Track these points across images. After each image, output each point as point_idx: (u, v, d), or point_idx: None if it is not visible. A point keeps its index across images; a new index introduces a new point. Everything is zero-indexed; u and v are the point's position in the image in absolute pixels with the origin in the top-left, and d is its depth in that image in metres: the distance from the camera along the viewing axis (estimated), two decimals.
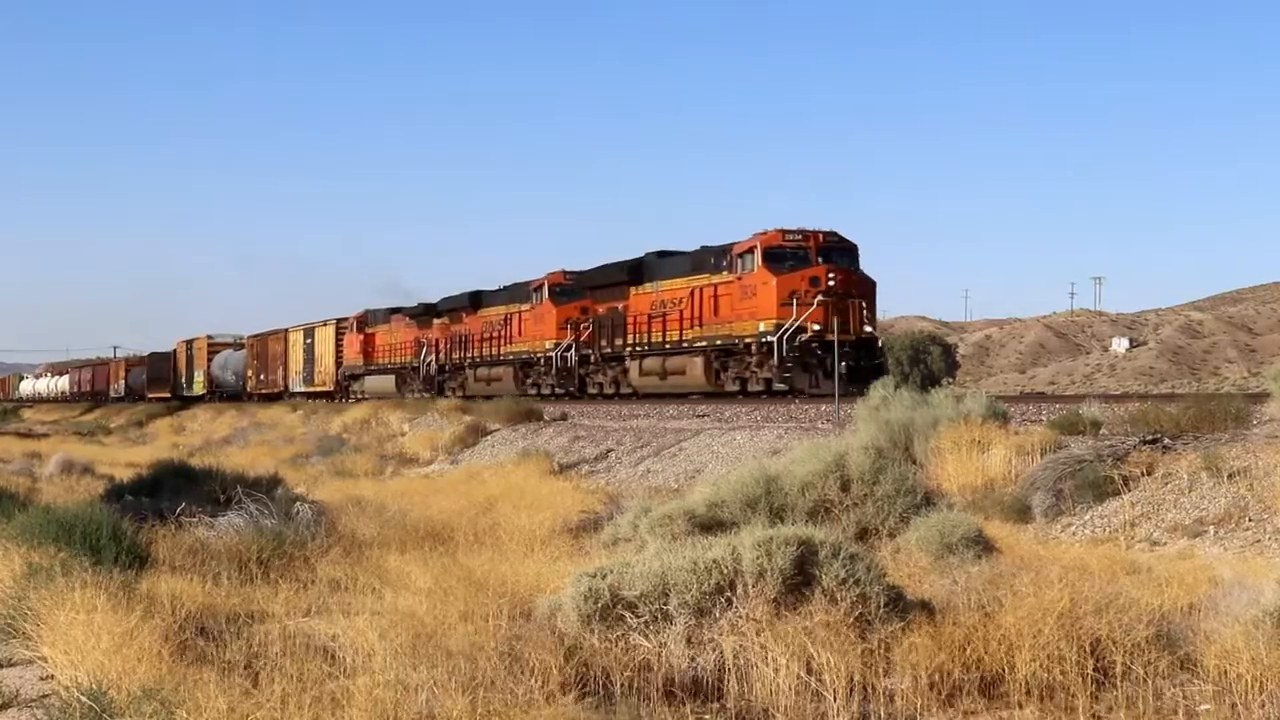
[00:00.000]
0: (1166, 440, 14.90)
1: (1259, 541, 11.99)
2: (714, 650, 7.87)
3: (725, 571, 8.21)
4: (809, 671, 7.41)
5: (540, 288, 44.33)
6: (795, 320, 30.75)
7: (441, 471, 28.60)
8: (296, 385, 68.93)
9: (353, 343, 61.86)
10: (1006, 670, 7.67)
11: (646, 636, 8.02)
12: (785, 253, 31.91)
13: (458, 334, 50.72)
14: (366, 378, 59.31)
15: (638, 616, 8.14)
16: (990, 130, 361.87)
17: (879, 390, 18.54)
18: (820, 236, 32.30)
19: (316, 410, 50.55)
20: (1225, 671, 7.41)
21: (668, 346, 36.28)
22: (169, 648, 7.85)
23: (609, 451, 25.40)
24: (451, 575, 10.77)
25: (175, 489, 17.33)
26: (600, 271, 41.67)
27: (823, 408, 25.49)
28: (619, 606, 8.19)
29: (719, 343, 33.52)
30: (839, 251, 32.38)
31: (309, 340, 68.00)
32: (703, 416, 28.12)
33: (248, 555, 11.99)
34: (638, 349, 37.84)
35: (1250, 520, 12.41)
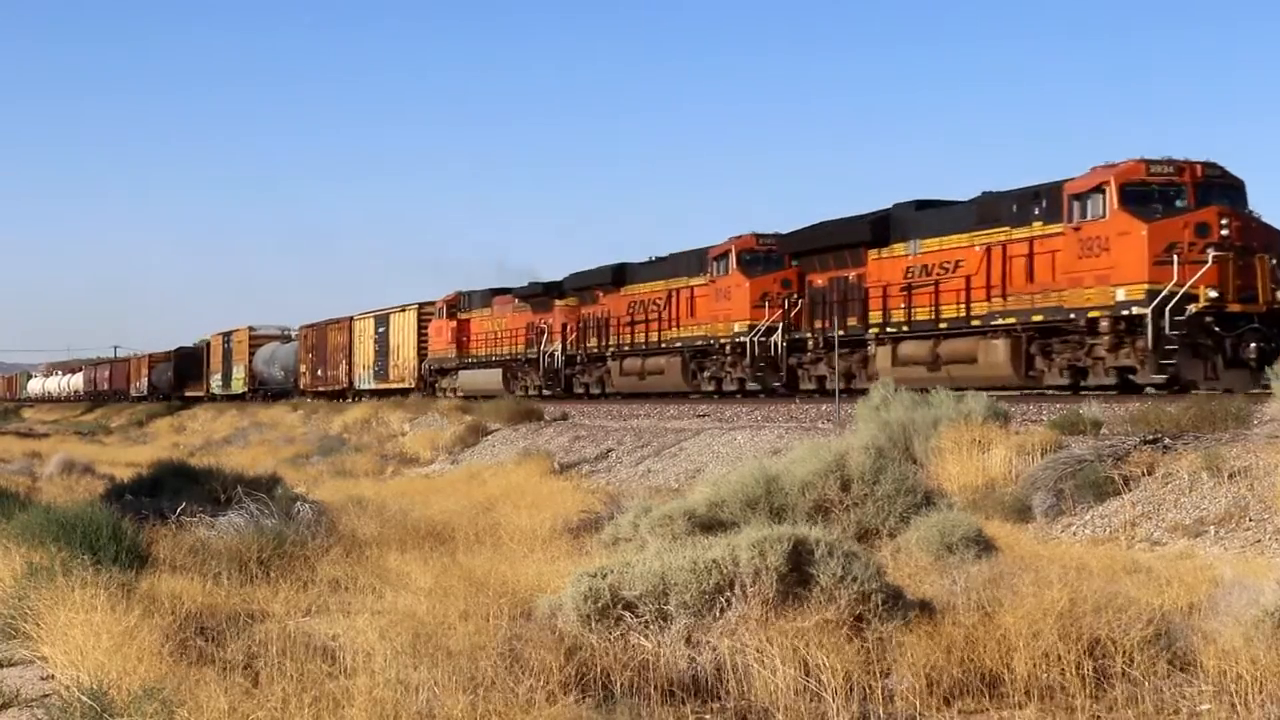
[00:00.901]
0: (1167, 440, 14.90)
1: (1259, 541, 11.99)
2: (713, 650, 7.87)
3: (724, 571, 8.21)
4: (807, 672, 7.41)
5: (725, 255, 34.82)
6: (1184, 284, 22.25)
7: (442, 471, 28.61)
8: (365, 381, 60.32)
9: (441, 331, 52.12)
10: (1006, 670, 7.67)
11: (646, 636, 8.02)
12: (1152, 191, 23.70)
13: (593, 317, 41.13)
14: (461, 372, 50.12)
15: (638, 616, 8.15)
16: None
17: (879, 390, 18.54)
18: (1198, 169, 23.85)
19: (317, 410, 50.56)
20: (1225, 672, 7.41)
21: (943, 326, 27.33)
22: (169, 647, 7.86)
23: (609, 451, 25.40)
24: (452, 575, 10.78)
25: (176, 489, 17.31)
26: (821, 230, 32.55)
27: (823, 407, 25.48)
28: (619, 606, 8.20)
29: (1037, 319, 25.04)
30: (1223, 189, 23.88)
31: (382, 329, 58.95)
32: (703, 416, 28.12)
33: (248, 555, 11.99)
34: (893, 330, 28.82)
35: (1251, 520, 12.41)
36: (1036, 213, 25.26)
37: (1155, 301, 22.40)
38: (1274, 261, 22.99)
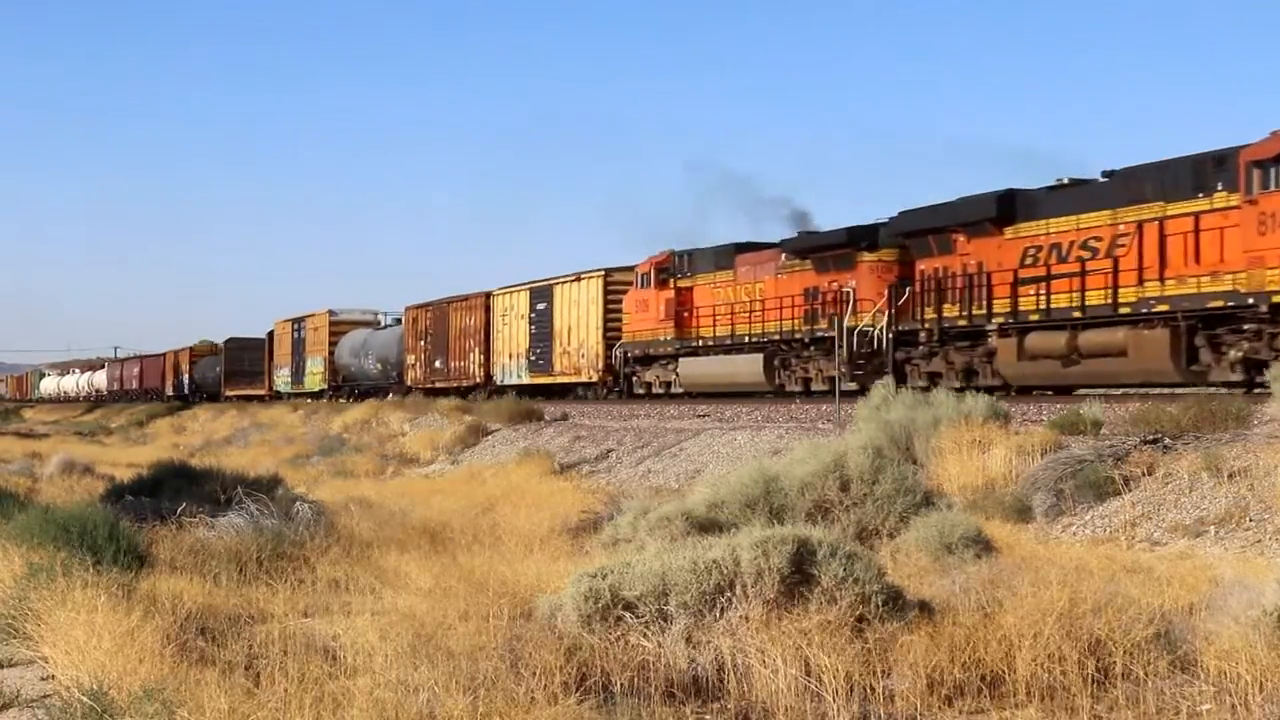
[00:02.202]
0: (1167, 440, 14.90)
1: (1259, 541, 11.99)
2: (713, 650, 7.87)
3: (724, 572, 8.22)
4: (808, 672, 7.41)
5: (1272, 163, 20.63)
6: None
7: (442, 471, 28.61)
8: (514, 373, 46.72)
9: (642, 304, 38.47)
10: (1007, 670, 7.67)
11: (646, 637, 8.02)
12: None
13: (947, 274, 27.92)
14: (684, 360, 36.51)
15: (638, 617, 8.15)
16: None
17: (879, 390, 18.55)
18: None
19: (317, 410, 50.51)
20: (1225, 672, 7.42)
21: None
22: (170, 648, 7.85)
23: (609, 451, 25.41)
24: (452, 575, 10.79)
25: (176, 489, 17.30)
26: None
27: (823, 407, 25.48)
28: (619, 607, 8.20)
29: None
30: None
31: (542, 305, 44.96)
32: (703, 416, 28.12)
33: (248, 555, 12.00)
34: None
35: (1251, 520, 12.41)
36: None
37: None
38: None
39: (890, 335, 28.99)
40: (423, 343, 54.75)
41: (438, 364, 53.16)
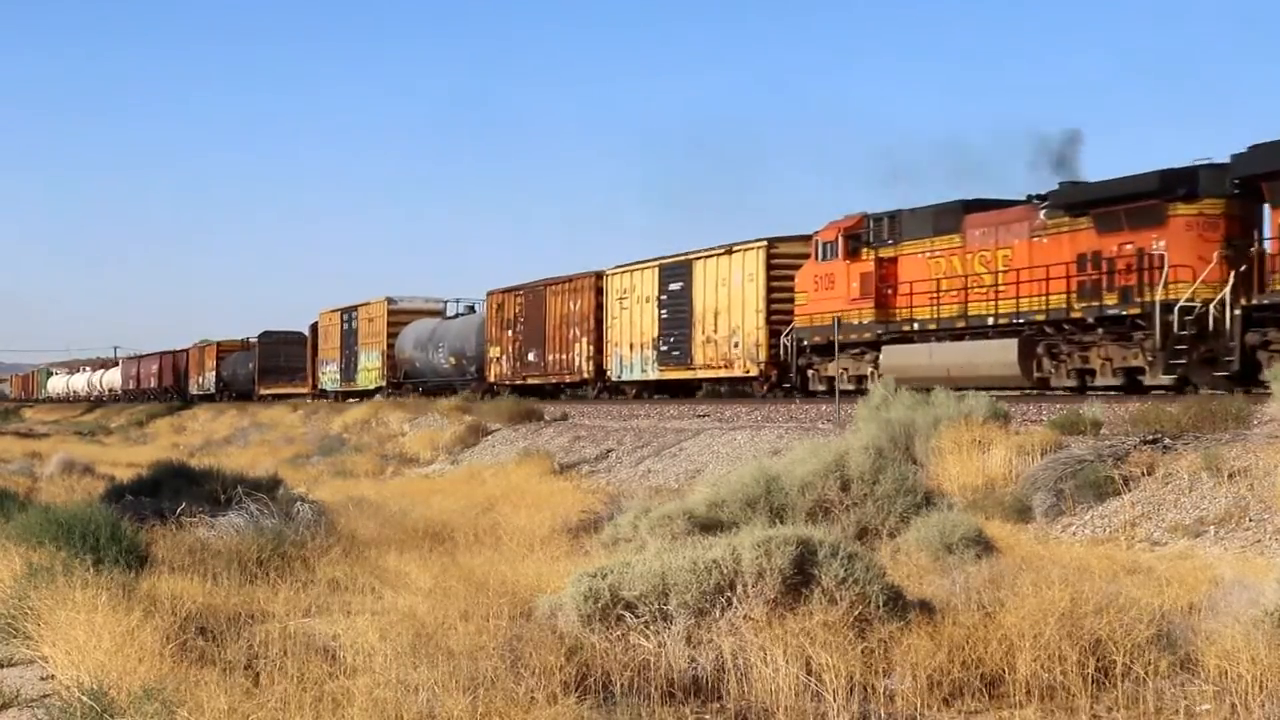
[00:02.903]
0: (1167, 440, 14.90)
1: (1259, 541, 11.99)
2: (714, 650, 7.87)
3: (725, 571, 8.22)
4: (808, 672, 7.41)
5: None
6: None
7: (442, 471, 28.61)
8: (636, 367, 39.35)
9: (825, 280, 31.00)
10: (1007, 670, 7.67)
11: (646, 636, 8.02)
12: None
13: None
14: (888, 347, 29.18)
15: (638, 616, 8.15)
16: None
17: (879, 389, 18.54)
18: None
19: (317, 410, 50.50)
20: (1225, 671, 7.42)
21: None
22: (170, 648, 7.85)
23: (609, 451, 25.40)
24: (452, 575, 10.79)
25: (176, 489, 17.29)
26: None
27: (823, 407, 25.48)
28: (619, 606, 8.20)
29: None
30: None
31: (677, 284, 37.44)
32: (703, 416, 28.11)
33: (248, 555, 11.99)
34: None
35: (1251, 520, 12.41)
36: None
37: None
38: None
39: (1237, 312, 22.04)
40: (510, 332, 45.88)
41: (531, 357, 44.72)
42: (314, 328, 65.46)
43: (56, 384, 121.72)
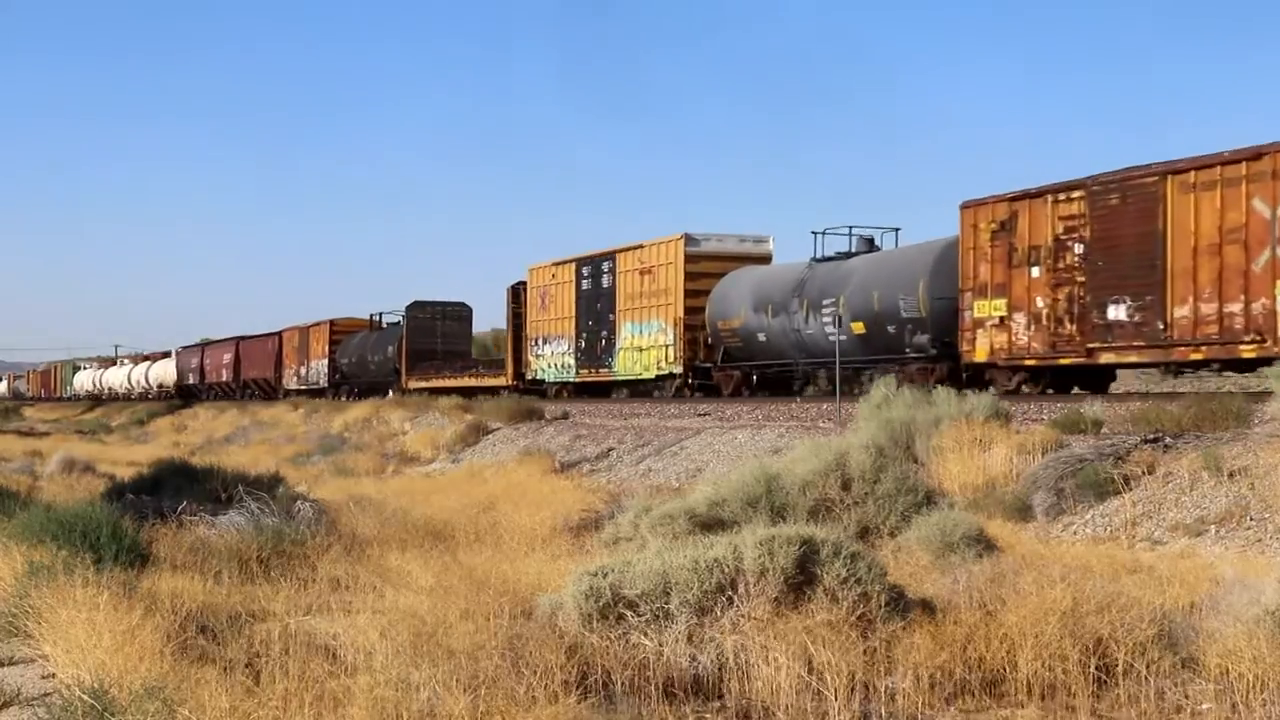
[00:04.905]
0: (1168, 439, 14.90)
1: (1260, 540, 11.99)
2: (715, 649, 7.87)
3: (726, 570, 8.22)
4: (810, 671, 7.42)
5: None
6: None
7: (443, 470, 28.61)
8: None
9: None
10: (1008, 669, 7.68)
11: (647, 635, 8.02)
12: None
13: None
14: None
15: (639, 615, 8.15)
16: None
17: (880, 389, 18.53)
18: None
19: (317, 409, 50.43)
20: (1227, 670, 7.42)
21: None
22: (170, 646, 7.85)
23: (610, 450, 25.40)
24: (452, 574, 10.79)
25: (176, 487, 17.33)
26: None
27: (824, 406, 25.48)
28: (620, 605, 8.20)
29: None
30: None
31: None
32: (704, 415, 28.11)
33: (249, 553, 12.00)
34: None
35: (1251, 519, 12.41)
36: None
37: None
38: None
39: None
40: (1037, 270, 23.53)
41: (1118, 312, 21.77)
42: (516, 291, 44.33)
43: (85, 380, 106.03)
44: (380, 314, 57.30)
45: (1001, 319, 24.44)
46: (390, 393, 49.31)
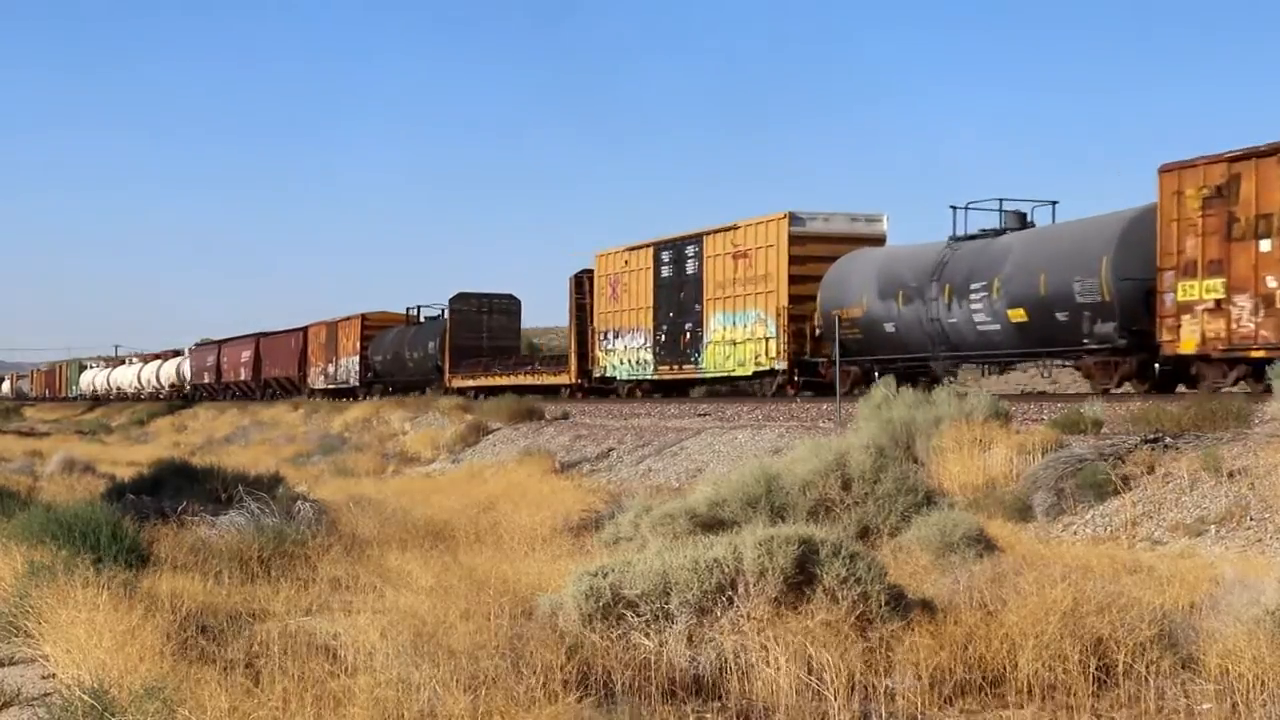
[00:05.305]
0: (1167, 439, 14.90)
1: (1260, 540, 11.99)
2: (715, 649, 7.87)
3: (726, 570, 8.22)
4: (810, 671, 7.42)
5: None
6: None
7: (443, 470, 28.61)
8: None
9: None
10: (1008, 669, 7.67)
11: (648, 635, 8.02)
12: None
13: None
14: None
15: (639, 615, 8.15)
16: None
17: (880, 389, 18.53)
18: None
19: (317, 409, 50.39)
20: (1227, 670, 7.42)
21: None
22: (170, 646, 7.86)
23: (610, 450, 25.40)
24: (453, 574, 10.79)
25: (177, 487, 17.32)
26: None
27: (824, 406, 25.47)
28: (620, 605, 8.20)
29: None
30: None
31: None
32: (704, 415, 28.10)
33: (249, 554, 12.00)
34: None
35: (1251, 519, 12.41)
36: None
37: None
38: None
39: None
40: (1268, 244, 20.10)
41: None
42: (580, 280, 40.99)
43: (93, 379, 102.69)
44: (418, 307, 53.81)
45: (1217, 302, 20.69)
46: (427, 391, 46.71)
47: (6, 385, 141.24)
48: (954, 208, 27.47)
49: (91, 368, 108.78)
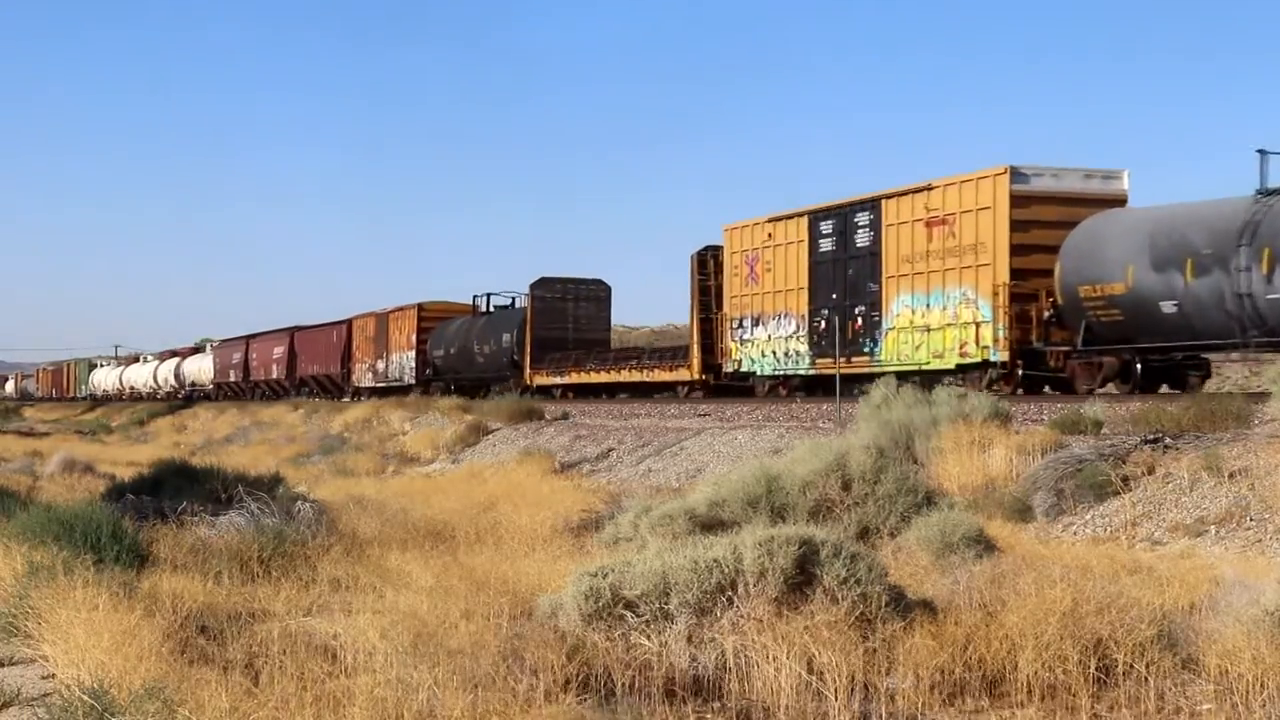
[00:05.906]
0: (1167, 440, 14.90)
1: (1260, 541, 11.99)
2: (715, 649, 7.87)
3: (726, 571, 8.22)
4: (810, 671, 7.41)
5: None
6: None
7: (443, 470, 28.61)
8: None
9: None
10: (1008, 670, 7.67)
11: (647, 635, 8.02)
12: None
13: None
14: None
15: (639, 616, 8.15)
16: None
17: (880, 389, 18.54)
18: None
19: (318, 409, 50.37)
20: (1226, 671, 7.42)
21: None
22: (170, 646, 7.85)
23: (610, 450, 25.40)
24: (453, 574, 10.78)
25: (176, 488, 17.31)
26: None
27: (824, 406, 25.48)
28: (620, 605, 8.20)
29: None
30: None
31: None
32: (704, 415, 28.11)
33: (249, 554, 11.99)
34: None
35: (1251, 520, 12.41)
36: None
37: None
38: None
39: None
40: None
41: None
42: (703, 259, 34.90)
43: (104, 378, 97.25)
44: (486, 295, 47.02)
45: None
46: (486, 388, 42.14)
47: (11, 385, 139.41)
48: (1261, 152, 21.26)
49: (103, 366, 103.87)
